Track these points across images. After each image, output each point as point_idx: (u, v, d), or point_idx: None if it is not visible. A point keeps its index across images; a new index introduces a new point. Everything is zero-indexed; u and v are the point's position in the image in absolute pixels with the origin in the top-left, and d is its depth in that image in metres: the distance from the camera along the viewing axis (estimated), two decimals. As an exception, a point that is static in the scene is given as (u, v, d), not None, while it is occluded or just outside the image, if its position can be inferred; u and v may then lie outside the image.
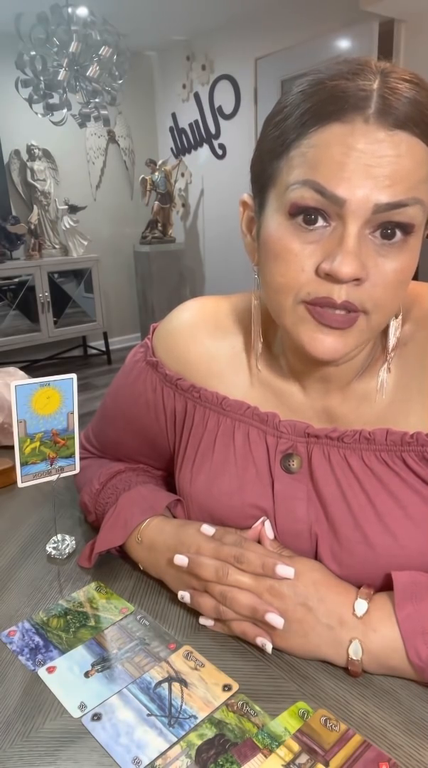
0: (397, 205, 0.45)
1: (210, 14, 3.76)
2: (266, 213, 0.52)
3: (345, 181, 0.45)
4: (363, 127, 0.45)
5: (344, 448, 0.58)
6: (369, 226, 0.47)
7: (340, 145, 0.45)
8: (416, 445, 0.55)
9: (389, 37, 3.06)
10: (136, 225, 4.75)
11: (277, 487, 0.61)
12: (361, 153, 0.45)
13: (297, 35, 3.48)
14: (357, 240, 0.46)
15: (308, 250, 0.48)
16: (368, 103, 0.45)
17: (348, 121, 0.45)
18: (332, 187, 0.46)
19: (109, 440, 0.79)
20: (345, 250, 0.46)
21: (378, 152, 0.45)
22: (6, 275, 3.97)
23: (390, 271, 0.48)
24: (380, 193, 0.45)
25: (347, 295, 0.48)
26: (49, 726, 0.49)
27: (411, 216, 0.46)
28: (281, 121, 0.49)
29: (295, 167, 0.48)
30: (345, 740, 0.46)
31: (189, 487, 0.66)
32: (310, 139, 0.47)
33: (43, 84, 3.13)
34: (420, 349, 0.56)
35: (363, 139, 0.45)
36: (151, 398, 0.69)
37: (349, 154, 0.45)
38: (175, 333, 0.67)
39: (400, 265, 0.48)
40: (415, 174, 0.45)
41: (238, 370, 0.65)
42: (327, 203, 0.46)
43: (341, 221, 0.47)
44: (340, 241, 0.47)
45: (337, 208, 0.46)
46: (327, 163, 0.46)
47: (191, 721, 0.49)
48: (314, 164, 0.46)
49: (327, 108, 0.46)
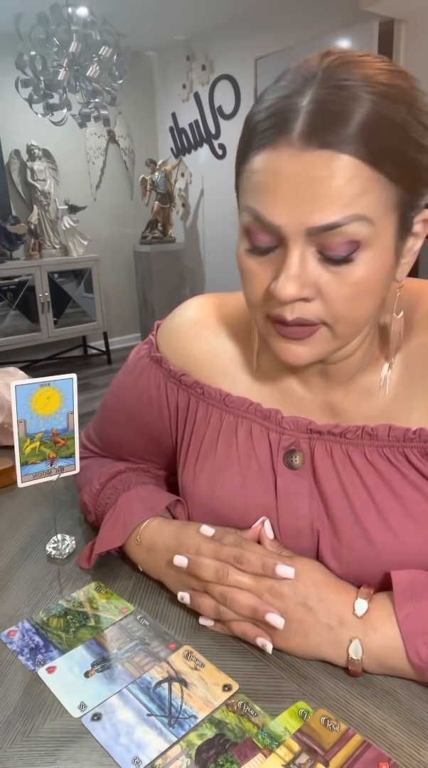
0: (331, 226, 0.45)
1: (210, 14, 3.76)
2: (238, 232, 0.54)
3: (276, 208, 0.46)
4: (288, 150, 0.45)
5: (346, 444, 0.58)
6: (312, 245, 0.47)
7: (268, 171, 0.46)
8: (419, 441, 0.55)
9: (389, 37, 3.06)
10: (136, 225, 4.75)
11: (280, 484, 0.61)
12: (290, 177, 0.45)
13: (297, 35, 3.48)
14: (299, 261, 0.47)
15: (262, 269, 0.50)
16: (293, 124, 0.44)
17: (275, 146, 0.45)
18: (266, 214, 0.47)
19: (111, 439, 0.79)
20: (286, 273, 0.47)
21: (305, 175, 0.44)
22: (6, 275, 3.97)
23: (345, 286, 0.48)
24: (311, 216, 0.45)
25: (299, 312, 0.49)
26: (49, 726, 0.49)
27: (351, 234, 0.46)
28: (240, 141, 0.51)
29: (243, 191, 0.50)
30: (345, 740, 0.46)
31: (192, 484, 0.66)
32: (251, 164, 0.48)
33: (43, 84, 3.13)
34: (424, 346, 0.57)
35: (289, 163, 0.45)
36: (155, 394, 0.69)
37: (277, 179, 0.46)
38: (179, 330, 0.68)
39: (354, 279, 0.48)
40: (347, 191, 0.44)
41: (242, 367, 0.65)
42: (267, 229, 0.48)
43: (283, 244, 0.48)
44: (283, 264, 0.48)
45: (276, 233, 0.47)
46: (260, 191, 0.47)
47: (191, 721, 0.49)
48: (252, 191, 0.48)
49: (261, 131, 0.47)
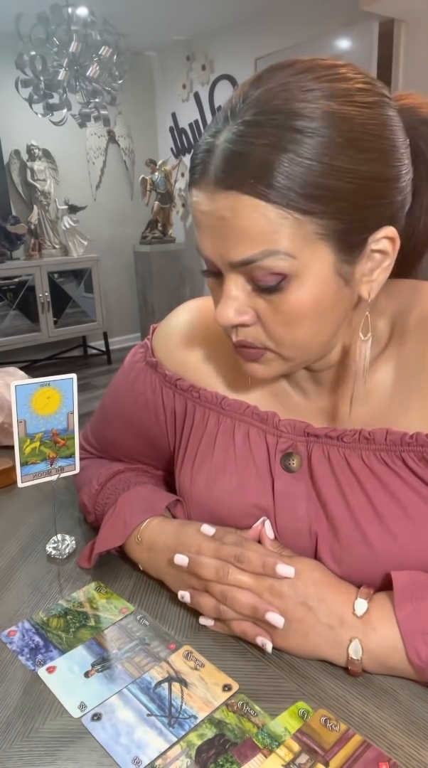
0: (246, 262, 0.47)
1: (210, 14, 3.76)
2: None
3: (203, 242, 0.50)
4: (205, 190, 0.47)
5: (344, 448, 0.58)
6: (243, 275, 0.49)
7: (195, 209, 0.49)
8: (415, 445, 0.55)
9: (389, 37, 3.06)
10: (136, 225, 4.75)
11: (277, 486, 0.61)
12: (208, 216, 0.47)
13: (297, 35, 3.48)
14: (234, 289, 0.50)
15: (216, 292, 0.53)
16: (208, 166, 0.46)
17: (198, 186, 0.48)
18: (199, 246, 0.51)
19: (109, 440, 0.79)
20: (223, 300, 0.50)
21: (215, 214, 0.47)
22: (6, 275, 3.97)
23: (278, 314, 0.50)
24: (228, 252, 0.48)
25: (242, 335, 0.52)
26: (49, 726, 0.49)
27: (270, 267, 0.46)
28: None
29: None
30: (345, 740, 0.46)
31: (189, 486, 0.66)
32: (190, 196, 0.50)
33: (43, 84, 3.13)
34: (419, 349, 0.56)
35: (206, 203, 0.47)
36: (151, 398, 0.69)
37: (201, 218, 0.48)
38: (175, 334, 0.68)
39: (287, 307, 0.49)
40: (256, 229, 0.45)
41: (237, 370, 0.65)
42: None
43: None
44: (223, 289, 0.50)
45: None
46: (194, 224, 0.50)
47: (191, 721, 0.49)
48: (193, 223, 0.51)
49: (191, 170, 0.49)
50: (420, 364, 0.56)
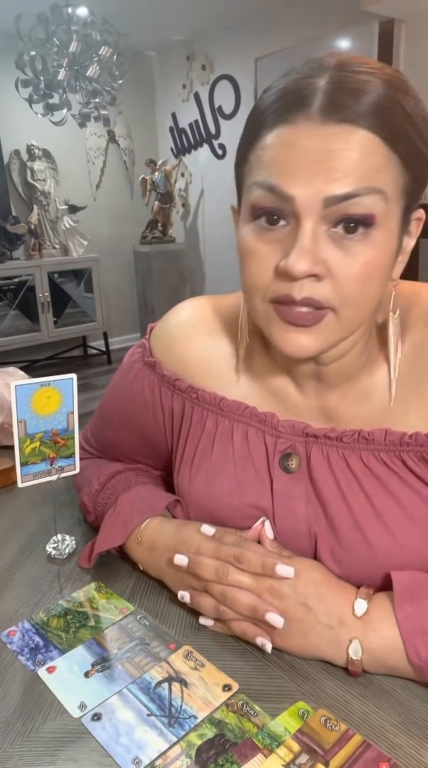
0: (348, 196, 0.45)
1: (210, 14, 3.76)
2: (240, 217, 0.54)
3: (292, 179, 0.46)
4: (306, 124, 0.46)
5: (343, 448, 0.58)
6: (326, 222, 0.47)
7: (285, 144, 0.47)
8: (415, 445, 0.55)
9: (389, 37, 3.06)
10: (136, 225, 4.75)
11: (276, 487, 0.61)
12: (307, 150, 0.46)
13: (297, 35, 3.48)
14: (311, 236, 0.47)
15: (269, 249, 0.49)
16: (312, 101, 0.46)
17: (292, 121, 0.46)
18: (282, 185, 0.47)
19: (108, 440, 0.79)
20: (298, 248, 0.47)
21: (323, 147, 0.45)
22: (6, 275, 3.97)
23: (355, 266, 0.48)
24: (328, 186, 0.45)
25: (308, 291, 0.48)
26: (49, 726, 0.49)
27: (367, 206, 0.46)
28: (244, 131, 0.52)
29: (252, 170, 0.50)
30: (345, 740, 0.46)
31: (188, 487, 0.66)
32: (262, 141, 0.48)
33: (43, 84, 3.13)
34: (419, 349, 0.56)
35: (307, 135, 0.46)
36: (149, 398, 0.69)
37: (294, 151, 0.46)
38: (173, 333, 0.67)
39: (365, 259, 0.48)
40: (366, 164, 0.45)
41: (236, 370, 0.65)
42: (280, 202, 0.47)
43: (295, 219, 0.47)
44: (295, 239, 0.47)
45: (289, 206, 0.47)
46: (276, 163, 0.47)
47: (191, 721, 0.49)
48: (266, 165, 0.48)
49: (275, 111, 0.47)
50: (420, 364, 0.56)
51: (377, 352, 0.59)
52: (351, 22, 3.15)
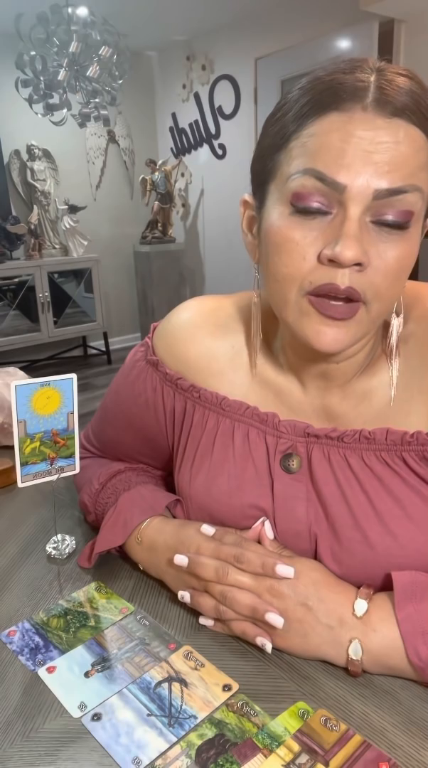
0: (397, 191, 0.46)
1: (210, 14, 3.76)
2: (267, 207, 0.53)
3: (345, 168, 0.46)
4: (361, 114, 0.46)
5: (344, 448, 0.58)
6: (370, 213, 0.47)
7: (339, 131, 0.46)
8: (416, 444, 0.55)
9: (389, 37, 3.06)
10: (136, 225, 4.75)
11: (277, 487, 0.61)
12: (360, 139, 0.45)
13: (297, 35, 3.48)
14: (358, 225, 0.47)
15: (309, 238, 0.49)
16: (365, 93, 0.46)
17: (346, 110, 0.46)
18: (332, 173, 0.46)
19: (109, 439, 0.79)
20: (347, 235, 0.46)
21: (376, 138, 0.45)
22: (6, 275, 3.97)
23: (392, 259, 0.48)
24: (380, 179, 0.46)
25: (350, 280, 0.48)
26: (49, 726, 0.49)
27: (410, 203, 0.47)
28: (281, 117, 0.50)
29: (295, 158, 0.49)
30: (345, 740, 0.46)
31: (188, 487, 0.66)
32: (309, 129, 0.48)
33: (43, 84, 3.13)
34: (421, 348, 0.56)
35: (361, 126, 0.45)
36: (151, 397, 0.69)
37: (348, 140, 0.46)
38: (175, 332, 0.67)
39: (400, 253, 0.48)
40: (413, 160, 0.46)
41: (238, 370, 0.65)
42: (328, 190, 0.47)
43: (342, 208, 0.47)
44: (341, 227, 0.47)
45: (338, 195, 0.47)
46: (326, 151, 0.46)
47: (191, 721, 0.49)
48: (314, 153, 0.47)
49: (326, 98, 0.47)
50: (422, 363, 0.56)
51: (380, 352, 0.59)
52: (351, 22, 3.15)
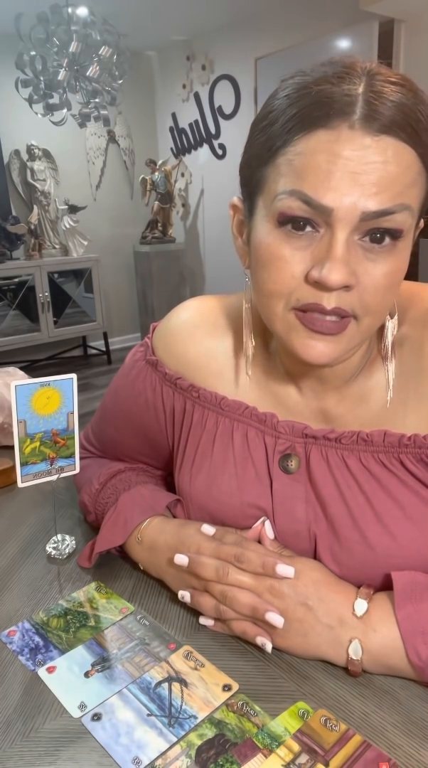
0: (385, 212, 0.45)
1: (210, 14, 3.76)
2: (255, 219, 0.52)
3: (331, 191, 0.45)
4: (348, 133, 0.44)
5: (342, 449, 0.58)
6: (358, 232, 0.47)
7: (326, 152, 0.45)
8: (413, 447, 0.55)
9: (389, 37, 3.06)
10: (136, 225, 4.75)
11: (276, 487, 0.61)
12: (347, 160, 0.44)
13: (297, 35, 3.48)
14: (345, 247, 0.46)
15: (297, 256, 0.48)
16: (353, 108, 0.44)
17: (333, 128, 0.45)
18: (318, 196, 0.45)
19: (109, 439, 0.79)
20: (334, 258, 0.46)
21: (364, 159, 0.44)
22: (6, 275, 3.97)
23: (380, 276, 0.48)
24: (367, 200, 0.45)
25: (337, 301, 0.48)
26: (49, 726, 0.49)
27: (399, 222, 0.46)
28: (267, 126, 0.49)
29: (282, 175, 0.48)
30: (345, 740, 0.46)
31: (188, 487, 0.66)
32: (296, 147, 0.46)
33: (43, 84, 3.13)
34: (417, 350, 0.56)
35: (348, 146, 0.44)
36: (151, 397, 0.69)
37: (335, 161, 0.44)
38: (175, 332, 0.67)
39: (389, 269, 0.48)
40: (402, 179, 0.45)
41: (237, 370, 0.65)
42: (315, 212, 0.46)
43: (329, 229, 0.47)
44: (329, 249, 0.46)
45: (325, 217, 0.46)
46: (313, 172, 0.45)
47: (191, 721, 0.49)
48: (300, 173, 0.46)
49: (313, 114, 0.45)
50: (418, 365, 0.56)
51: (375, 354, 0.59)
52: (351, 22, 3.15)
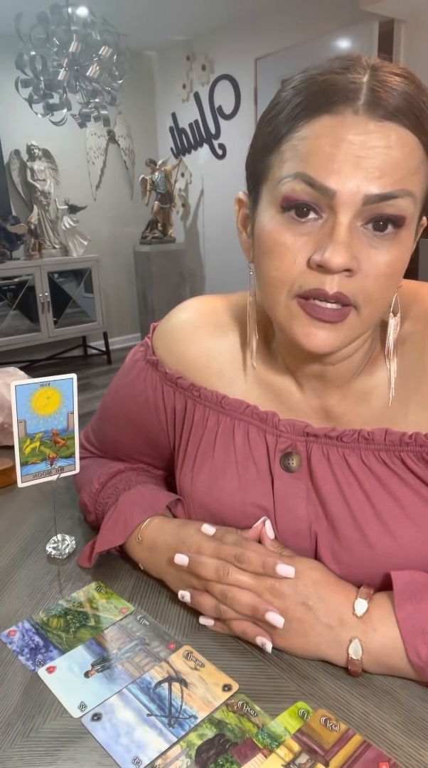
0: (387, 196, 0.45)
1: (210, 14, 3.76)
2: (260, 208, 0.52)
3: (335, 173, 0.45)
4: (353, 118, 0.45)
5: (343, 448, 0.58)
6: (361, 218, 0.47)
7: (330, 136, 0.45)
8: (414, 445, 0.55)
9: (389, 37, 3.06)
10: (136, 225, 4.75)
11: (277, 486, 0.61)
12: (351, 144, 0.45)
13: (297, 35, 3.48)
14: (348, 231, 0.46)
15: (300, 242, 0.49)
16: (358, 95, 0.45)
17: (338, 113, 0.45)
18: (322, 178, 0.46)
19: (109, 439, 0.79)
20: (336, 241, 0.46)
21: (367, 143, 0.45)
22: (6, 275, 3.97)
23: (382, 263, 0.48)
24: (370, 184, 0.45)
25: (339, 286, 0.48)
26: (49, 726, 0.49)
27: (401, 208, 0.46)
28: (273, 117, 0.50)
29: (286, 161, 0.48)
30: (345, 740, 0.46)
31: (190, 486, 0.66)
32: (301, 132, 0.47)
33: (43, 84, 3.13)
34: (419, 348, 0.56)
35: (353, 130, 0.45)
36: (151, 397, 0.69)
37: (339, 145, 0.45)
38: (175, 332, 0.67)
39: (392, 258, 0.48)
40: (405, 165, 0.45)
41: (238, 369, 0.65)
42: (318, 195, 0.47)
43: (332, 213, 0.47)
44: (331, 232, 0.47)
45: (328, 200, 0.46)
46: (317, 155, 0.46)
47: (191, 721, 0.49)
48: (304, 156, 0.47)
49: (317, 101, 0.46)
50: (419, 363, 0.56)
51: (377, 352, 0.59)
52: (351, 22, 3.15)
